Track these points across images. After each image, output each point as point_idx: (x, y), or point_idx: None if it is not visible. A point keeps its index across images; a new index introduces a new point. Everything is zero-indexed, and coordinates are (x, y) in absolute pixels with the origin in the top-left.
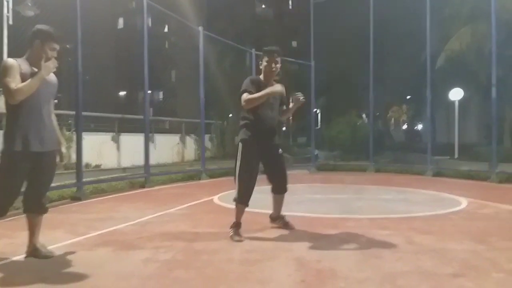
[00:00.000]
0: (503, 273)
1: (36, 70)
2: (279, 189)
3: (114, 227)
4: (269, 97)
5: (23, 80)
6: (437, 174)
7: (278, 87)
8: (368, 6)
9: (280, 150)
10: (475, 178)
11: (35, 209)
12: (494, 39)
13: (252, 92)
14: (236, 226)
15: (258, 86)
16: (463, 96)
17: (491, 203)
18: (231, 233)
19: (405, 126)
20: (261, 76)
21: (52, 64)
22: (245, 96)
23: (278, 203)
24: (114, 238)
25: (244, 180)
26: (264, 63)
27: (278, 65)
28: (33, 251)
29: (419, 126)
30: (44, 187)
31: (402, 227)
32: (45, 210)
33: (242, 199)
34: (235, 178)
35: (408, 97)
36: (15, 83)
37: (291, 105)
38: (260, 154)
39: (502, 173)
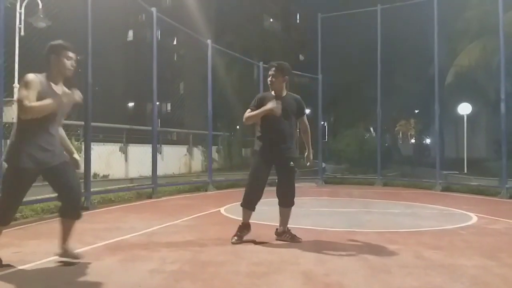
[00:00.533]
0: None
1: (54, 87)
2: (282, 202)
3: (121, 237)
4: (274, 112)
5: (40, 97)
6: (446, 189)
7: (269, 105)
8: (376, 20)
9: (292, 163)
10: (485, 193)
11: (71, 215)
12: (502, 54)
13: (254, 109)
14: (242, 228)
15: (262, 102)
16: (472, 111)
17: (501, 218)
18: (235, 236)
19: (413, 140)
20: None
21: (74, 95)
22: (246, 113)
23: (283, 217)
24: (121, 248)
25: (250, 185)
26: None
27: (272, 78)
28: (64, 254)
29: (428, 141)
30: (74, 193)
31: (410, 241)
32: (79, 216)
33: (245, 203)
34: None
35: (417, 111)
36: (29, 100)
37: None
38: (269, 164)
39: None
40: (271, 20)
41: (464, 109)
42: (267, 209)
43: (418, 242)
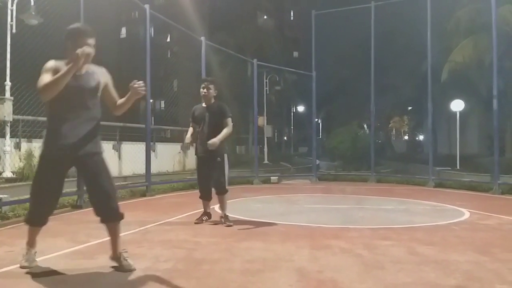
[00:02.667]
0: (507, 285)
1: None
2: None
3: None
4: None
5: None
6: (439, 185)
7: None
8: (370, 17)
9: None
10: (477, 189)
11: (108, 217)
12: (495, 51)
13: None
14: None
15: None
16: (465, 107)
17: (493, 214)
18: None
19: (406, 137)
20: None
21: (84, 52)
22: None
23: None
24: None
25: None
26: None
27: (209, 90)
28: (116, 260)
29: (421, 137)
30: (105, 192)
31: (404, 237)
32: (119, 216)
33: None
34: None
35: (410, 108)
36: (43, 81)
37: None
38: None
39: (505, 184)
40: (265, 17)
41: (457, 105)
42: (260, 206)
43: (412, 238)
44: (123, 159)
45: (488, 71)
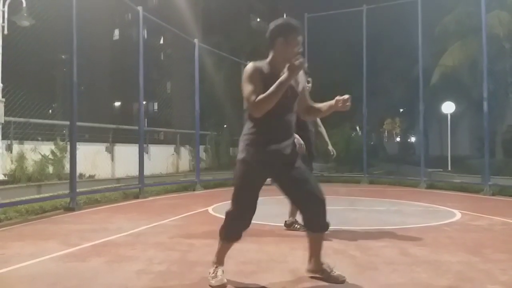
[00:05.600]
0: (498, 285)
1: (277, 76)
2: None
3: (108, 238)
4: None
5: (265, 85)
6: (430, 186)
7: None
8: (362, 20)
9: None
10: (468, 190)
11: (322, 227)
12: (485, 54)
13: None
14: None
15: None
16: (456, 110)
17: (484, 215)
18: None
19: (398, 139)
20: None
21: (299, 64)
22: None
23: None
24: (107, 249)
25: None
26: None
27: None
28: (320, 273)
29: (412, 139)
30: (321, 200)
31: (396, 238)
32: (325, 228)
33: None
34: None
35: (401, 110)
36: (255, 94)
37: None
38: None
39: (495, 186)
40: (258, 20)
41: (448, 108)
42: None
43: (404, 239)
44: (116, 161)
45: (478, 74)
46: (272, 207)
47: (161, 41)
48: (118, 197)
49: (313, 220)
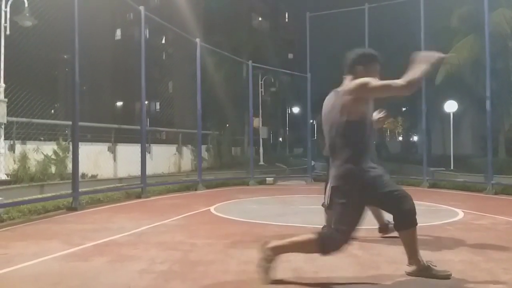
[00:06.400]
0: (501, 284)
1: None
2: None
3: (110, 238)
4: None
5: (356, 105)
6: (433, 185)
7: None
8: (363, 19)
9: None
10: (471, 189)
11: (405, 224)
12: (488, 52)
13: None
14: None
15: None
16: (458, 108)
17: (487, 214)
18: None
19: (400, 138)
20: None
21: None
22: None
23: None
24: (109, 248)
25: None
26: None
27: None
28: (421, 271)
29: (415, 138)
30: (402, 202)
31: (398, 237)
32: (414, 223)
33: None
34: None
35: (404, 109)
36: (391, 80)
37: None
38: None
39: (498, 185)
40: (260, 19)
41: (450, 107)
42: (256, 208)
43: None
44: (119, 161)
45: (482, 73)
46: (274, 207)
47: (163, 41)
48: (120, 197)
49: (404, 218)
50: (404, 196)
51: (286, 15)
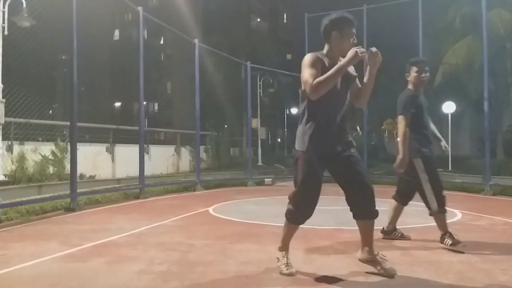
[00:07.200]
0: (498, 285)
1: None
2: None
3: (108, 239)
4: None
5: (323, 74)
6: None
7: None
8: (362, 19)
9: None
10: (469, 190)
11: (361, 215)
12: (485, 53)
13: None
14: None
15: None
16: (457, 109)
17: (485, 215)
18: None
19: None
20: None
21: (361, 52)
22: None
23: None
24: (108, 249)
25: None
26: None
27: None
28: (372, 263)
29: None
30: (369, 187)
31: (397, 239)
32: (374, 215)
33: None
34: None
35: None
36: (314, 77)
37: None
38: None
39: (496, 186)
40: (258, 20)
41: (448, 107)
42: (255, 208)
43: (405, 239)
44: (117, 162)
45: (479, 74)
46: (272, 208)
47: (162, 41)
48: (119, 198)
49: (362, 207)
50: (365, 184)
51: (285, 16)
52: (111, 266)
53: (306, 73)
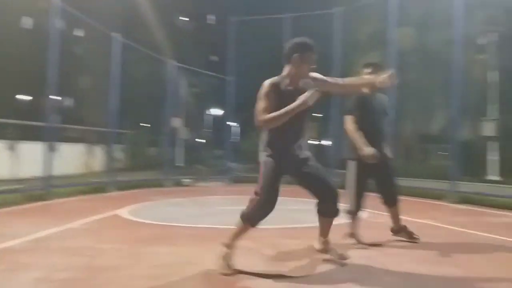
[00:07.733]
0: (396, 275)
1: (292, 90)
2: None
3: (4, 245)
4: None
5: (280, 98)
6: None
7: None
8: (285, 27)
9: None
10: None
11: (327, 213)
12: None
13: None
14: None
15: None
16: None
17: (385, 213)
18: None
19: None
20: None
21: (311, 96)
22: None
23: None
24: (3, 257)
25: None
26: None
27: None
28: (328, 251)
29: (325, 142)
30: (325, 191)
31: (308, 236)
32: (335, 214)
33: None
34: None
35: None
36: (266, 112)
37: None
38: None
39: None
40: (185, 19)
41: None
42: (171, 210)
43: (314, 236)
44: (21, 160)
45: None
46: (190, 209)
47: (80, 34)
48: (21, 200)
49: (327, 207)
50: (329, 187)
51: (212, 17)
52: (6, 274)
53: (259, 106)
